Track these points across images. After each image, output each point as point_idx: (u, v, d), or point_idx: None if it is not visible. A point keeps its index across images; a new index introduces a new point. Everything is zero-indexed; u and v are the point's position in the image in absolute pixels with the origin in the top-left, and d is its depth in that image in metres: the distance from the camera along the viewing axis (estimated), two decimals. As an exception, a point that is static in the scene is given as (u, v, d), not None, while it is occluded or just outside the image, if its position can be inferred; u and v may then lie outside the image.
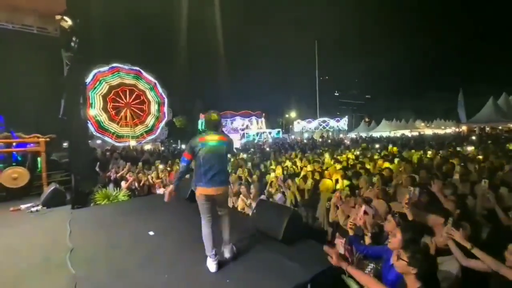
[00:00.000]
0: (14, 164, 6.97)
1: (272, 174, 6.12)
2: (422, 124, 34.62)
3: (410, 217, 2.57)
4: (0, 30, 6.72)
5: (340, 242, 2.37)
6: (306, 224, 3.46)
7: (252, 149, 16.07)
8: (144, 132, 24.52)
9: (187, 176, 4.91)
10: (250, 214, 4.00)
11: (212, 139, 2.75)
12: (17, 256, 3.29)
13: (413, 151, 9.26)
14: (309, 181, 4.60)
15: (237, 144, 24.75)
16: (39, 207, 5.27)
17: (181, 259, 2.98)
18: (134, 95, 23.81)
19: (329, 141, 20.95)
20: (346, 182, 4.78)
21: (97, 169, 7.86)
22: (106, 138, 22.08)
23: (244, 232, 3.54)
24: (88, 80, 19.99)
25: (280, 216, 3.03)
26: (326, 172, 5.28)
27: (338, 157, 8.41)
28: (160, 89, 24.74)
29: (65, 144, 8.93)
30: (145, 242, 3.52)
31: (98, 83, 21.99)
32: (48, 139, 6.62)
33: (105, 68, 22.01)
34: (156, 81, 24.54)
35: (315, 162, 7.12)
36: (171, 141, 29.30)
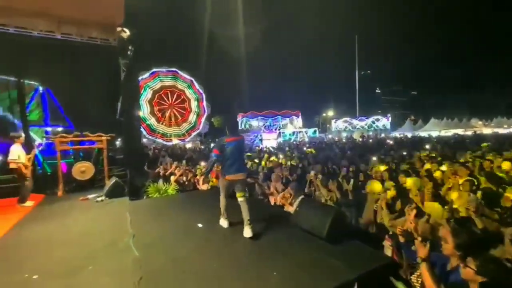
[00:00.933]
0: (80, 159, 8.02)
1: (312, 173, 6.14)
2: (480, 122, 31.00)
3: (480, 225, 2.43)
4: (71, 42, 7.77)
5: (388, 244, 2.35)
6: (350, 224, 3.44)
7: (287, 148, 16.07)
8: (189, 129, 26.00)
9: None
10: (292, 211, 4.10)
11: (234, 139, 3.64)
12: (90, 238, 3.83)
13: (468, 152, 8.44)
14: (352, 181, 4.54)
15: (273, 143, 24.92)
16: (103, 198, 6.00)
17: (228, 250, 3.20)
18: (175, 96, 25.43)
19: (370, 141, 19.96)
20: (391, 183, 4.60)
21: (145, 167, 8.63)
22: (155, 139, 23.89)
23: (286, 229, 3.66)
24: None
25: (324, 215, 3.08)
26: (372, 172, 5.14)
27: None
28: (197, 86, 25.99)
29: (117, 142, 9.92)
30: (194, 233, 3.84)
31: (143, 89, 23.88)
32: (109, 138, 7.47)
33: (147, 74, 23.82)
34: (192, 79, 25.82)
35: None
36: (210, 140, 30.57)
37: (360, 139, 21.62)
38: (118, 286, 2.55)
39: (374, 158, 8.10)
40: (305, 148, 14.43)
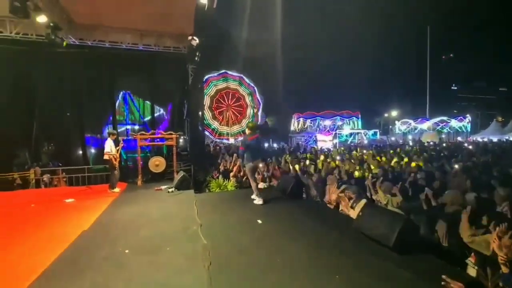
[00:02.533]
0: (154, 154, 9.17)
1: (370, 176, 5.83)
2: None
3: None
4: (150, 52, 8.92)
5: (472, 263, 2.09)
6: (420, 234, 3.16)
7: (343, 149, 15.37)
8: (239, 132, 27.20)
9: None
10: (353, 215, 3.97)
11: (254, 137, 5.21)
12: (165, 223, 4.37)
13: None
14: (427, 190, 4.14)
15: (328, 144, 24.07)
16: (173, 189, 6.74)
17: (289, 247, 3.28)
18: (235, 98, 26.84)
19: (444, 144, 17.61)
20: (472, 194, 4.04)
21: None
22: (207, 133, 25.62)
23: (347, 233, 3.57)
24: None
25: (392, 222, 2.91)
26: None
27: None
28: (258, 96, 26.98)
29: (181, 140, 10.93)
30: (255, 228, 4.04)
31: (208, 86, 25.71)
32: (178, 136, 8.35)
33: (216, 73, 25.69)
34: (255, 87, 26.83)
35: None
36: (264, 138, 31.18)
37: (431, 142, 19.23)
38: (192, 267, 2.87)
39: (456, 166, 7.11)
40: (365, 151, 13.56)
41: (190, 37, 7.27)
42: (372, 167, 7.56)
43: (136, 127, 11.56)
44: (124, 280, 2.61)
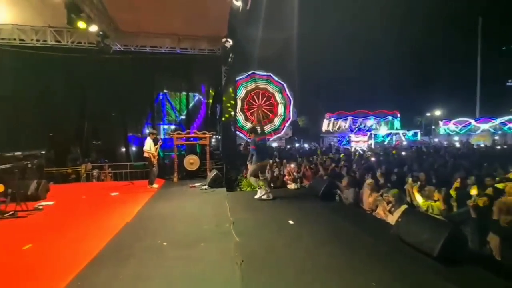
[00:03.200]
0: (184, 152, 9.59)
1: (410, 180, 5.44)
2: None
3: None
4: (186, 55, 9.34)
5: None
6: (468, 245, 2.89)
7: (380, 152, 14.54)
8: (272, 130, 27.23)
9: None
10: (391, 221, 3.77)
11: (262, 138, 5.78)
12: (199, 219, 4.55)
13: None
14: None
15: (363, 145, 23.05)
16: (206, 187, 6.99)
17: (322, 250, 3.21)
18: (265, 98, 26.97)
19: (498, 147, 15.82)
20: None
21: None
22: (242, 135, 26.03)
23: (384, 238, 3.40)
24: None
25: (436, 230, 2.70)
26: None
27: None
28: (287, 91, 26.78)
29: (213, 140, 11.23)
30: (286, 229, 4.03)
31: (238, 88, 26.15)
32: (211, 135, 8.63)
33: (244, 75, 25.99)
34: (284, 84, 26.67)
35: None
36: (296, 138, 30.82)
37: (482, 145, 17.37)
38: (224, 263, 2.95)
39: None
40: (403, 153, 12.74)
41: (224, 39, 7.47)
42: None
43: (172, 126, 12.14)
44: (163, 271, 2.78)
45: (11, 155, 4.77)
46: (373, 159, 10.23)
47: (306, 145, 28.25)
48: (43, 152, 6.14)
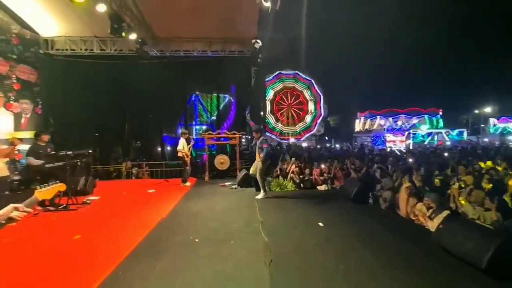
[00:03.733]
0: (215, 152, 9.83)
1: (456, 185, 4.97)
2: None
3: None
4: (216, 58, 9.61)
5: None
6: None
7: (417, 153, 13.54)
8: (304, 129, 26.86)
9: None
10: (431, 227, 3.51)
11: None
12: (229, 217, 4.65)
13: None
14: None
15: (400, 145, 21.69)
16: (236, 186, 7.12)
17: (354, 254, 3.10)
18: (294, 97, 26.69)
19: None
20: None
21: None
22: (273, 136, 26.04)
23: (422, 246, 3.19)
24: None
25: (484, 239, 2.46)
26: None
27: None
28: (316, 87, 26.21)
29: (243, 139, 11.34)
30: (316, 230, 3.96)
31: (266, 90, 26.20)
32: (240, 135, 8.78)
33: (271, 76, 25.94)
34: (312, 80, 26.14)
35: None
36: (326, 138, 30.03)
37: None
38: (253, 262, 2.99)
39: None
40: (446, 154, 11.72)
41: (253, 40, 7.55)
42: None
43: (204, 127, 12.54)
44: (195, 266, 2.90)
45: (64, 154, 5.32)
46: (410, 160, 9.58)
47: (337, 145, 27.36)
48: (90, 151, 6.74)
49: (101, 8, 6.19)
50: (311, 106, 26.56)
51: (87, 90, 9.44)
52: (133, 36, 7.52)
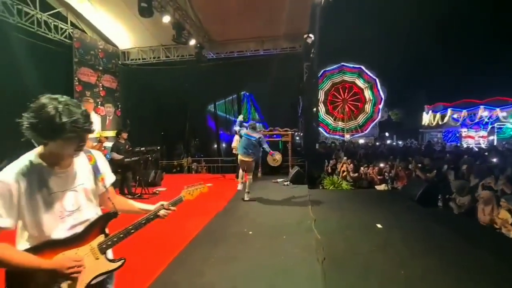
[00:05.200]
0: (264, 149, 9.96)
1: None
2: None
3: None
4: (268, 56, 9.72)
5: None
6: None
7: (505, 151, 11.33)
8: (354, 128, 25.19)
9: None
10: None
11: None
12: (281, 213, 4.72)
13: None
14: None
15: (480, 142, 18.55)
16: (288, 183, 7.14)
17: (417, 261, 2.85)
18: (352, 92, 25.10)
19: None
20: None
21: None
22: (321, 129, 24.99)
23: (500, 256, 2.75)
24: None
25: None
26: None
27: None
28: (379, 88, 24.16)
29: (297, 137, 11.22)
30: (373, 232, 3.73)
31: (323, 80, 25.12)
32: (293, 132, 8.74)
33: (333, 66, 24.72)
34: (376, 79, 24.16)
35: None
36: (387, 134, 27.56)
37: None
38: (306, 259, 2.99)
39: None
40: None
41: (305, 35, 7.40)
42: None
43: (257, 124, 12.84)
44: (249, 256, 3.06)
45: (138, 150, 6.15)
46: (494, 159, 8.14)
47: (400, 142, 24.86)
48: (159, 147, 7.61)
49: (166, 19, 6.88)
50: (368, 107, 24.63)
51: (155, 94, 10.62)
52: (192, 42, 8.16)
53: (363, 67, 24.18)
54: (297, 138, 11.24)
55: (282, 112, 10.57)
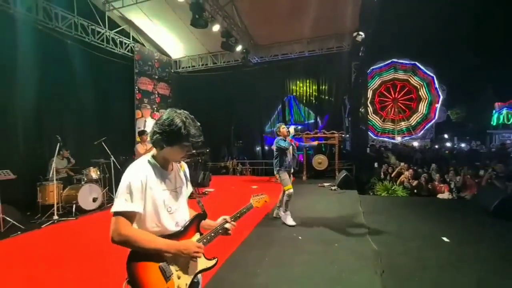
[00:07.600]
0: (311, 152, 9.70)
1: None
2: None
3: None
4: (314, 57, 9.52)
5: None
6: None
7: None
8: (405, 130, 22.99)
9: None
10: None
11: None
12: (330, 219, 4.53)
13: None
14: None
15: None
16: (335, 187, 6.87)
17: (494, 279, 2.49)
18: (404, 91, 23.00)
19: None
20: None
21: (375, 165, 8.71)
22: (386, 138, 23.17)
23: None
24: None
25: None
26: None
27: None
28: (436, 85, 21.65)
29: (347, 140, 10.69)
30: (439, 246, 3.37)
31: (372, 78, 23.33)
32: (340, 135, 8.40)
33: (382, 64, 22.83)
34: (434, 76, 21.76)
35: None
36: (446, 135, 24.72)
37: None
38: (362, 269, 2.82)
39: None
40: None
41: (355, 34, 7.06)
42: None
43: (299, 127, 12.65)
44: (302, 262, 3.01)
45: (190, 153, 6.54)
46: None
47: (462, 144, 22.10)
48: (208, 149, 7.99)
49: (216, 28, 7.21)
50: (422, 107, 22.15)
51: (203, 99, 11.18)
52: (238, 48, 8.41)
53: (417, 63, 21.95)
54: (346, 140, 10.74)
55: (328, 114, 10.25)
